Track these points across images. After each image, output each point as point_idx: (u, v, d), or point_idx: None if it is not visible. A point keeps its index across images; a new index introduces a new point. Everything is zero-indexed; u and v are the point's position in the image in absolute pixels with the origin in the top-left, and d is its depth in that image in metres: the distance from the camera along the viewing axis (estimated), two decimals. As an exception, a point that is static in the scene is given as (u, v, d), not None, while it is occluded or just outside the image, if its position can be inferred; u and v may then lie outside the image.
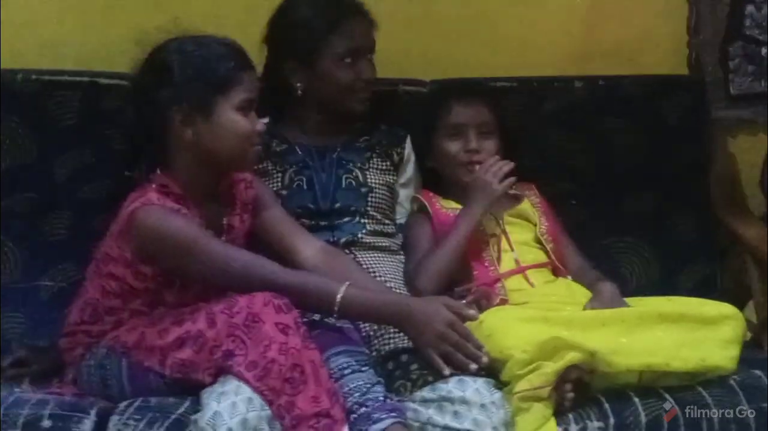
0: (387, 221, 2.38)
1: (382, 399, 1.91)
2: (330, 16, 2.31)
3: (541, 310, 2.09)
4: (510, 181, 2.29)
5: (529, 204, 2.41)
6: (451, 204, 2.38)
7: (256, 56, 2.17)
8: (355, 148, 2.40)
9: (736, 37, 2.75)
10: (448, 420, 1.91)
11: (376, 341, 2.13)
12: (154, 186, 2.02)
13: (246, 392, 1.83)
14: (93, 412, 1.92)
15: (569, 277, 2.31)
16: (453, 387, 1.93)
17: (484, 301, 2.16)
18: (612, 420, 1.96)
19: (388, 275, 2.27)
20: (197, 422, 1.84)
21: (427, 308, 2.00)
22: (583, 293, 2.23)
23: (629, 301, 2.18)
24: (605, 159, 2.59)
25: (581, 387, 1.96)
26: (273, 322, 1.87)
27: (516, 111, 2.55)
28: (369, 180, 2.36)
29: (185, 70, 2.01)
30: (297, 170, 2.34)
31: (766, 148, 2.68)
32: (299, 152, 2.36)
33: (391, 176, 2.41)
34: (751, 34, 2.75)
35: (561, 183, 2.53)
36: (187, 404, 1.91)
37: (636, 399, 1.98)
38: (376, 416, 1.87)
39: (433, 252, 2.27)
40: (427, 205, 2.37)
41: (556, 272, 2.33)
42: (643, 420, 1.96)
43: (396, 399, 1.94)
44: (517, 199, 2.40)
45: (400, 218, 2.43)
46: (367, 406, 1.89)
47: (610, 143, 2.60)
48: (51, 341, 2.16)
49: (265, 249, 2.11)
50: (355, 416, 1.88)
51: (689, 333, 2.01)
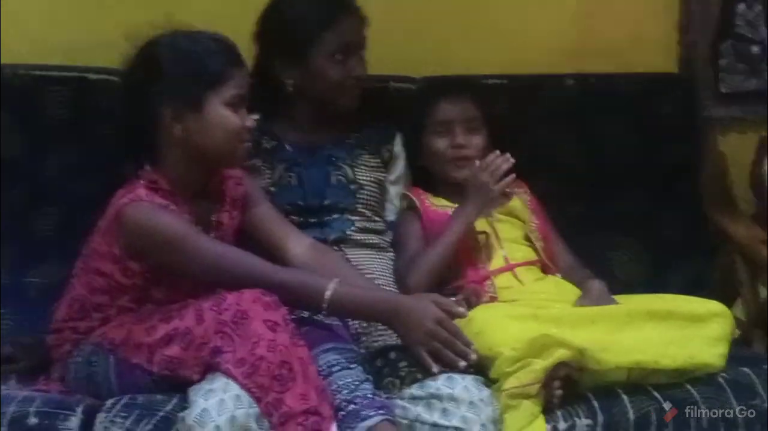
0: (377, 218, 2.37)
1: (370, 396, 1.90)
2: (322, 12, 2.30)
3: (530, 307, 2.09)
4: (507, 181, 2.26)
5: (520, 202, 2.40)
6: (441, 202, 2.37)
7: (246, 52, 2.16)
8: (345, 145, 2.39)
9: (726, 36, 2.75)
10: (436, 417, 1.91)
11: (364, 338, 2.13)
12: (142, 182, 2.01)
13: (234, 389, 1.82)
14: (80, 409, 1.90)
15: (559, 275, 2.31)
16: (442, 384, 1.93)
17: (473, 298, 2.16)
18: (600, 418, 1.96)
19: (378, 272, 2.27)
20: (185, 419, 1.83)
21: (416, 305, 1.99)
22: (572, 291, 2.23)
23: (618, 298, 2.18)
24: (596, 157, 2.60)
25: (570, 384, 1.96)
26: (261, 319, 1.86)
27: (507, 108, 2.55)
28: (359, 177, 2.35)
29: (175, 65, 2.00)
30: (287, 166, 2.33)
31: (756, 146, 2.69)
32: (289, 148, 2.35)
33: (380, 173, 2.40)
34: (741, 33, 2.75)
35: (551, 181, 2.52)
36: (174, 401, 1.89)
37: (624, 397, 1.98)
38: (364, 413, 1.87)
39: (425, 251, 2.27)
40: (416, 202, 2.37)
41: (546, 270, 2.33)
42: (632, 417, 1.96)
43: (385, 396, 1.93)
44: (507, 196, 2.39)
45: (390, 216, 2.42)
46: (355, 403, 1.88)
47: (600, 141, 2.60)
48: (38, 337, 2.14)
49: (255, 246, 2.10)
50: (343, 413, 1.87)
51: (678, 331, 2.02)
